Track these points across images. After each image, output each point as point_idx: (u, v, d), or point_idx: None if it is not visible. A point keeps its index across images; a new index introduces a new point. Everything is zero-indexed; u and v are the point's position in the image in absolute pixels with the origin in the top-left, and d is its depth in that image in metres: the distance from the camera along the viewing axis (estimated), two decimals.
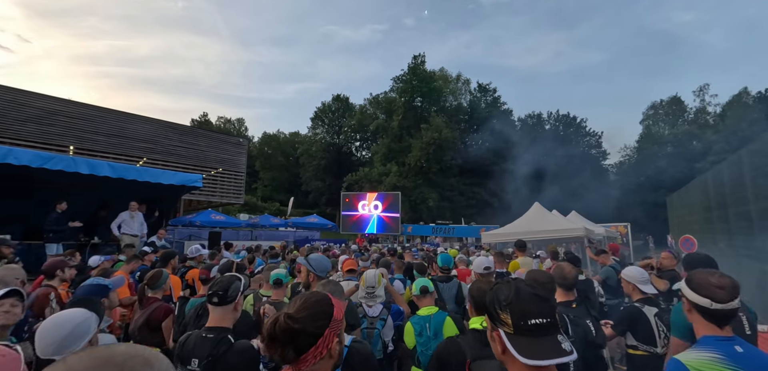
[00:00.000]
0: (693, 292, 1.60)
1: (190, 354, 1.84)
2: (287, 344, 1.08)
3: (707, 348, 1.50)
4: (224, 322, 1.97)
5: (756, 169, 9.60)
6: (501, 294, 1.09)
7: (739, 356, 1.44)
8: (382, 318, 2.86)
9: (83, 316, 1.59)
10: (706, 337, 1.55)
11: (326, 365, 1.15)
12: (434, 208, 34.10)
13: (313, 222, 19.37)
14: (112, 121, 14.63)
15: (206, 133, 20.21)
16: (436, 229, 22.87)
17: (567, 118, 48.37)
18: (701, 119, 44.33)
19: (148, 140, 15.44)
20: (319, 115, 51.25)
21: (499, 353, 1.08)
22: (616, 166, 49.04)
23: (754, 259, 9.47)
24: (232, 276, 2.10)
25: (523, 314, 1.02)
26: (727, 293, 1.52)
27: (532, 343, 0.99)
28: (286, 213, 24.67)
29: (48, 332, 1.49)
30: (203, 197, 17.79)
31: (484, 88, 44.88)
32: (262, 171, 51.42)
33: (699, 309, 1.58)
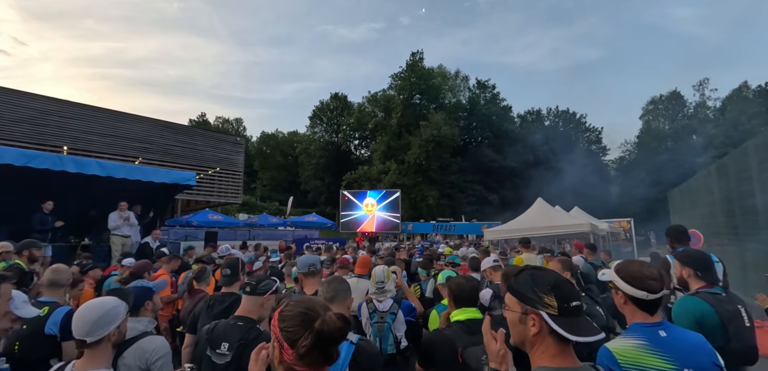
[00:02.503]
0: (629, 286, 1.66)
1: (220, 338, 1.97)
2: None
3: (634, 335, 1.60)
4: (252, 314, 2.11)
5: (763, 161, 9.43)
6: (542, 279, 1.17)
7: (662, 340, 1.54)
8: (392, 312, 2.90)
9: (114, 303, 1.77)
10: (634, 324, 1.65)
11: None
12: (434, 206, 33.89)
13: (312, 221, 19.16)
14: (107, 120, 14.41)
15: (203, 132, 19.99)
16: (437, 227, 22.69)
17: (567, 114, 48.22)
18: (701, 113, 44.14)
19: (143, 140, 15.21)
20: (318, 114, 50.99)
21: (529, 336, 1.14)
22: (616, 161, 48.87)
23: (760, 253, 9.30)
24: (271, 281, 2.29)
25: (567, 297, 1.12)
26: (659, 283, 1.62)
27: (575, 322, 1.08)
28: (285, 212, 24.47)
29: (82, 315, 1.64)
30: (201, 197, 17.58)
31: (483, 85, 44.66)
32: (261, 171, 51.20)
33: (634, 301, 1.66)
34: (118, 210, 6.33)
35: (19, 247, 4.26)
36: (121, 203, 6.36)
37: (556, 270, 2.94)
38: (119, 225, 6.27)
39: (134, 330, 2.09)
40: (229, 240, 11.81)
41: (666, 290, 1.68)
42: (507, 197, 36.89)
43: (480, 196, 37.12)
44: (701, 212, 14.20)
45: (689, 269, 2.50)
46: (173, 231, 12.20)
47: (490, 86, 44.29)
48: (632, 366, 1.50)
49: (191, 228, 12.86)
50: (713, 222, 12.12)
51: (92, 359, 1.63)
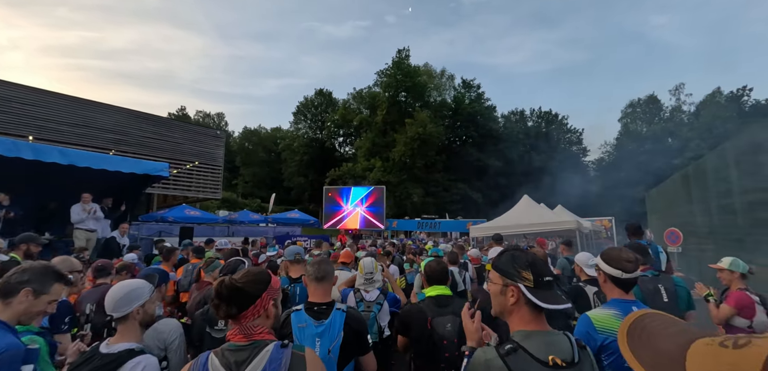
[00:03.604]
0: (608, 266, 1.99)
1: (216, 317, 2.23)
2: (231, 302, 1.34)
3: (610, 307, 1.92)
4: None
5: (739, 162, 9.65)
6: (520, 258, 1.39)
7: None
8: (378, 302, 3.06)
9: (139, 283, 1.92)
10: (612, 299, 1.98)
11: (263, 323, 1.40)
12: (419, 204, 33.82)
13: (294, 218, 18.69)
14: (78, 110, 13.66)
15: (181, 125, 19.25)
16: (422, 224, 22.57)
17: (549, 115, 48.98)
18: (677, 117, 45.54)
19: (117, 131, 14.51)
20: (302, 110, 50.18)
21: (508, 305, 1.35)
22: (596, 162, 49.98)
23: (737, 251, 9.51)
24: (237, 260, 2.61)
25: (542, 272, 1.33)
26: (633, 265, 1.93)
27: (547, 294, 1.30)
28: (267, 209, 23.90)
29: (110, 294, 1.80)
30: (178, 192, 16.93)
31: (468, 84, 44.80)
32: (243, 167, 50.06)
33: (612, 279, 1.98)
34: (82, 202, 5.85)
35: (16, 241, 4.25)
36: (84, 195, 5.86)
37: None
38: (83, 218, 5.78)
39: None
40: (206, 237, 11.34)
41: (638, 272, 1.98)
42: (491, 196, 37.17)
43: (464, 195, 37.28)
44: (678, 212, 14.55)
45: None
46: (146, 227, 11.60)
47: (475, 86, 44.49)
48: (606, 330, 1.80)
49: (166, 223, 12.26)
50: (690, 221, 12.41)
51: (123, 333, 1.76)
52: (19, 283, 1.72)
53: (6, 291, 1.71)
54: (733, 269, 3.42)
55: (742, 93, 41.73)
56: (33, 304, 1.74)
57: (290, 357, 1.32)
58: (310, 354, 1.39)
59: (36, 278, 1.77)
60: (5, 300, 1.69)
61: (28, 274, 1.76)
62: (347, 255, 4.35)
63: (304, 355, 1.36)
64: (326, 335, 1.99)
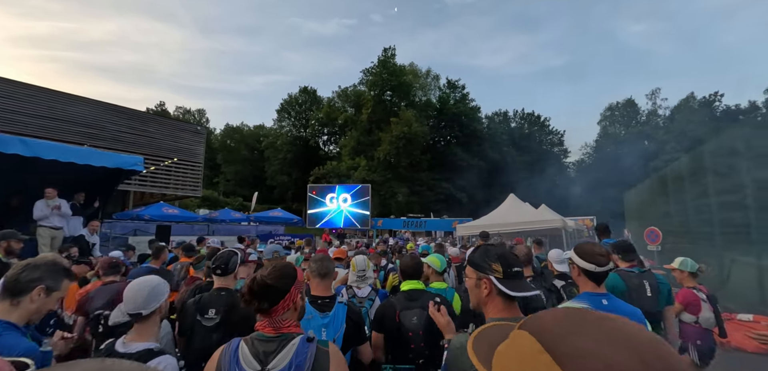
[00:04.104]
0: (582, 260, 2.05)
1: (207, 306, 2.34)
2: (263, 298, 1.40)
3: (581, 300, 1.98)
4: (227, 285, 2.50)
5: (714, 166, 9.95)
6: (491, 252, 1.49)
7: (602, 306, 1.91)
8: (370, 299, 3.15)
9: (160, 280, 1.91)
10: (584, 292, 2.04)
11: (292, 317, 1.46)
12: (403, 203, 33.78)
13: (277, 217, 18.29)
14: (46, 101, 12.94)
15: (159, 120, 18.57)
16: (408, 223, 22.50)
17: (532, 117, 49.87)
18: (653, 121, 47.09)
19: (90, 124, 13.84)
20: (286, 108, 49.48)
21: (483, 296, 1.45)
22: (577, 163, 51.16)
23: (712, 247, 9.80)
24: (230, 252, 2.61)
25: (510, 264, 1.43)
26: (604, 259, 2.01)
27: (516, 283, 1.40)
28: (249, 208, 23.37)
29: (135, 291, 1.76)
30: (156, 189, 16.31)
31: (453, 85, 45.08)
32: (225, 164, 48.96)
33: (586, 273, 2.05)
34: (45, 197, 5.46)
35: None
36: (47, 190, 5.47)
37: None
38: (46, 215, 5.40)
39: None
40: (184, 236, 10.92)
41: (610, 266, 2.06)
42: (474, 195, 37.49)
43: (448, 194, 37.49)
44: (655, 211, 14.96)
45: (616, 255, 3.45)
46: (120, 225, 11.10)
47: (460, 86, 44.79)
48: None
49: (141, 221, 11.76)
50: (667, 221, 12.76)
51: (142, 333, 1.74)
52: (31, 281, 1.59)
53: (17, 289, 1.57)
54: (682, 268, 3.69)
55: (714, 98, 43.53)
56: (45, 303, 1.64)
57: (315, 351, 1.38)
58: (333, 349, 1.45)
59: (48, 274, 1.65)
60: (15, 300, 1.56)
61: (40, 271, 1.64)
62: (341, 251, 4.46)
63: (328, 350, 1.42)
64: (331, 326, 2.18)
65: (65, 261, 2.92)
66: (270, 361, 1.33)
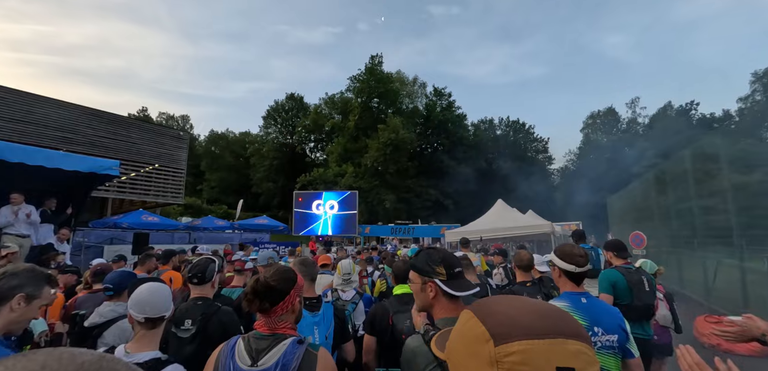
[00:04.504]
0: (563, 261, 2.13)
1: (182, 317, 2.23)
2: (265, 298, 1.49)
3: (562, 300, 2.05)
4: (205, 294, 2.41)
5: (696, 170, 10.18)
6: (434, 256, 1.57)
7: (581, 305, 1.98)
8: (353, 302, 3.21)
9: (167, 288, 1.90)
10: (564, 292, 2.12)
11: (289, 318, 1.55)
12: (391, 210, 33.67)
13: (262, 224, 17.88)
14: (17, 103, 12.36)
15: (139, 124, 17.99)
16: (396, 230, 22.36)
17: (517, 124, 50.55)
18: (633, 128, 48.35)
19: (65, 128, 13.27)
20: (272, 114, 48.98)
21: (429, 299, 1.51)
22: (560, 170, 52.04)
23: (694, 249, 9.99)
24: (208, 260, 2.53)
25: (452, 265, 1.52)
26: (584, 260, 2.08)
27: (459, 283, 1.48)
28: (234, 216, 22.85)
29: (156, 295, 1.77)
30: (136, 196, 15.74)
31: (439, 93, 45.42)
32: (209, 171, 47.95)
33: (566, 274, 2.12)
34: (11, 203, 5.12)
35: None
36: (13, 195, 5.12)
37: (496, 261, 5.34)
38: (11, 222, 5.05)
39: (114, 313, 2.44)
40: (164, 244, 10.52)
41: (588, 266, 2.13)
42: (461, 202, 37.66)
43: (436, 201, 37.57)
44: (638, 216, 15.23)
45: (610, 252, 3.65)
46: (95, 233, 10.62)
47: (446, 94, 45.17)
48: None
49: (119, 230, 11.29)
50: (650, 225, 12.98)
51: (146, 341, 1.71)
52: (10, 289, 1.49)
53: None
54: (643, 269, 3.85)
55: (690, 107, 45.03)
56: (26, 311, 1.54)
57: (303, 353, 1.42)
58: (323, 354, 1.48)
59: (28, 281, 1.56)
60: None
61: (18, 278, 1.54)
62: (326, 258, 4.53)
63: (318, 354, 1.46)
64: (322, 323, 2.28)
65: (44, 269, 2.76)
66: (261, 358, 1.39)
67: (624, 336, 1.96)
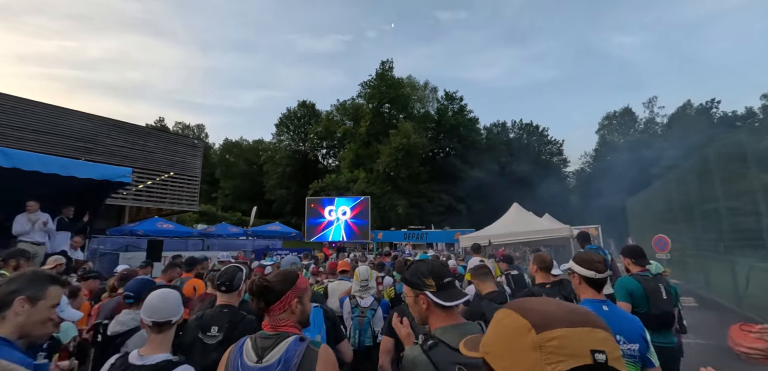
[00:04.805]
0: (582, 267, 2.13)
1: (209, 323, 2.30)
2: (260, 297, 1.58)
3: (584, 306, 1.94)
4: (232, 302, 2.46)
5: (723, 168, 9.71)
6: (422, 268, 1.62)
7: (603, 312, 1.97)
8: (372, 308, 3.24)
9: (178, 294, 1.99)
10: (585, 300, 2.12)
11: (288, 317, 1.60)
12: (403, 215, 33.44)
13: (275, 231, 17.95)
14: (42, 116, 12.74)
15: (156, 133, 18.35)
16: (408, 235, 22.14)
17: (530, 127, 49.80)
18: (651, 129, 47.08)
19: (86, 139, 13.61)
20: (284, 122, 49.46)
21: (423, 311, 1.56)
22: (576, 173, 50.96)
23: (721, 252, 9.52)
24: (236, 268, 2.57)
25: (441, 276, 1.56)
26: (603, 266, 2.10)
27: (449, 293, 1.52)
28: (248, 223, 23.02)
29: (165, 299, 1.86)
30: (152, 204, 16.00)
31: (451, 96, 45.11)
32: (223, 179, 48.63)
33: (587, 280, 2.12)
34: (26, 211, 5.19)
35: (5, 256, 4.05)
36: (29, 203, 5.20)
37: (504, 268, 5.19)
38: (27, 230, 5.12)
39: (134, 321, 2.48)
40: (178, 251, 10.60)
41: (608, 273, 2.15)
42: (474, 206, 37.19)
43: (448, 205, 37.18)
44: (660, 219, 14.69)
45: (628, 259, 3.56)
46: (111, 240, 10.78)
47: (458, 98, 44.79)
48: None
49: (134, 237, 11.45)
50: (673, 228, 12.48)
51: (158, 344, 1.77)
52: (10, 293, 1.55)
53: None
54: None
55: (711, 105, 43.60)
56: (31, 313, 1.58)
57: (304, 350, 1.47)
58: (324, 350, 1.52)
59: (27, 285, 1.59)
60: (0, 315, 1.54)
61: (17, 283, 1.59)
62: (345, 264, 4.60)
63: (319, 351, 1.49)
64: (312, 329, 2.35)
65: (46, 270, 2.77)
66: (265, 356, 1.46)
67: (644, 345, 1.95)
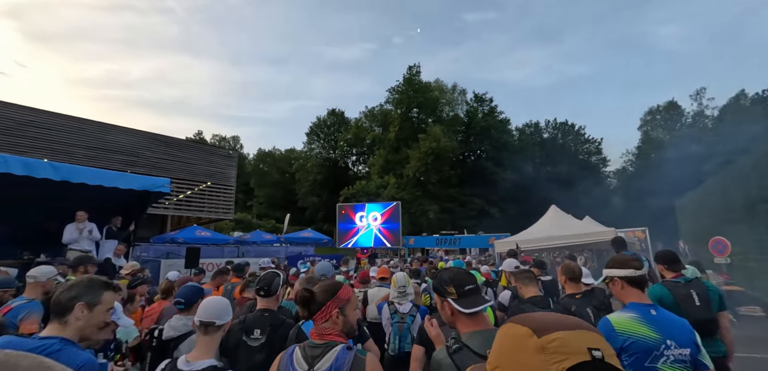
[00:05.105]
0: (620, 269, 2.13)
1: (252, 326, 2.41)
2: (305, 305, 1.71)
3: (629, 310, 2.01)
4: (271, 306, 2.58)
5: None
6: (445, 276, 1.73)
7: (652, 317, 1.94)
8: (411, 314, 3.23)
9: (227, 301, 2.14)
10: (631, 303, 2.06)
11: (331, 327, 1.66)
12: (435, 220, 32.97)
13: (307, 237, 18.22)
14: (91, 132, 13.67)
15: (194, 146, 19.23)
16: (440, 240, 21.76)
17: (565, 126, 47.87)
18: (700, 122, 43.83)
19: (129, 152, 14.46)
20: (315, 130, 50.46)
21: (448, 317, 1.68)
22: (617, 172, 48.21)
23: None
24: (273, 274, 2.69)
25: (462, 284, 1.66)
26: (639, 263, 2.12)
27: (471, 300, 1.59)
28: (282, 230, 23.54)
29: (214, 304, 2.03)
30: (191, 213, 16.73)
31: (480, 98, 44.26)
32: (258, 188, 50.25)
33: (627, 281, 2.09)
34: (76, 221, 5.49)
35: (74, 262, 4.26)
36: (78, 213, 5.52)
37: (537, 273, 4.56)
38: (76, 238, 5.42)
39: (186, 326, 2.63)
40: (215, 258, 10.93)
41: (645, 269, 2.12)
42: (508, 210, 36.08)
43: (481, 210, 36.30)
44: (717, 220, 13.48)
45: (661, 265, 3.37)
46: (153, 248, 11.33)
47: (487, 99, 43.88)
48: (625, 331, 1.87)
49: (174, 245, 11.96)
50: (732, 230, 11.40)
51: (204, 349, 1.88)
52: (70, 299, 1.66)
53: (60, 309, 1.65)
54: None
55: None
56: (90, 318, 1.69)
57: (353, 358, 1.53)
58: (371, 359, 1.56)
59: (85, 291, 1.70)
60: (62, 320, 1.64)
61: (76, 289, 1.69)
62: (384, 271, 4.66)
63: (365, 359, 1.55)
64: None
65: (103, 277, 2.90)
66: (316, 364, 1.52)
67: (696, 349, 1.88)
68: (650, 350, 1.81)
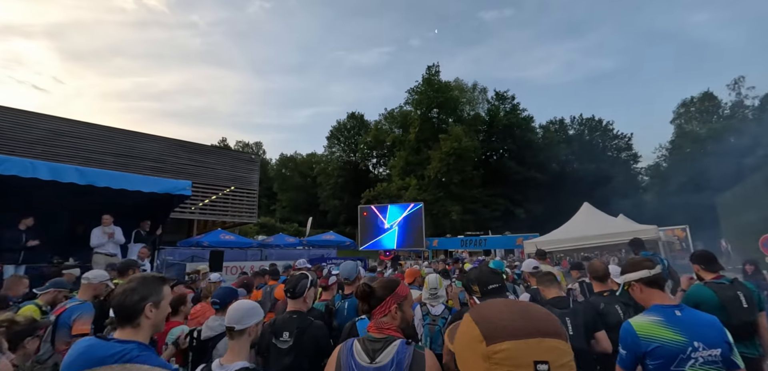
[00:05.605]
0: (634, 272, 2.08)
1: (281, 328, 2.47)
2: (365, 300, 1.76)
3: (652, 313, 1.93)
4: (299, 308, 2.61)
5: None
6: (471, 275, 1.96)
7: (676, 318, 1.85)
8: (443, 317, 3.25)
9: (256, 304, 2.22)
10: (654, 306, 1.97)
11: (390, 322, 1.69)
12: (458, 221, 32.38)
13: (329, 240, 18.20)
14: (120, 140, 14.15)
15: (217, 151, 19.63)
16: (465, 242, 21.29)
17: (592, 122, 46.14)
18: (739, 113, 41.24)
19: (156, 159, 14.86)
20: (335, 134, 50.81)
21: None
22: (650, 168, 45.94)
23: None
24: (301, 275, 2.70)
25: (486, 283, 1.82)
26: (651, 263, 2.08)
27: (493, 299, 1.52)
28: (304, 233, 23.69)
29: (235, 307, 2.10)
30: (216, 217, 17.02)
31: (502, 96, 43.26)
32: (280, 192, 51.07)
33: (644, 282, 2.03)
34: (102, 224, 5.57)
35: (121, 267, 4.40)
36: (104, 217, 5.60)
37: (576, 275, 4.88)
38: (103, 242, 5.50)
39: (222, 327, 2.58)
40: (238, 261, 11.02)
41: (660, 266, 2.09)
42: (534, 210, 35.07)
43: (505, 210, 35.42)
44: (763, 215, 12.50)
45: (697, 265, 3.24)
46: (178, 252, 11.58)
47: (509, 97, 42.81)
48: (647, 336, 1.84)
49: (199, 248, 12.19)
50: None
51: (236, 352, 1.97)
52: (138, 302, 1.68)
53: (129, 314, 1.66)
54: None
55: None
56: (157, 315, 1.75)
57: (412, 353, 1.54)
58: (429, 353, 1.56)
59: (149, 290, 1.73)
60: (134, 323, 1.66)
61: (139, 291, 1.69)
62: (415, 272, 4.65)
63: (424, 354, 1.55)
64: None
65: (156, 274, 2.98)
66: (377, 357, 1.53)
67: (727, 349, 1.80)
68: (675, 354, 1.76)
